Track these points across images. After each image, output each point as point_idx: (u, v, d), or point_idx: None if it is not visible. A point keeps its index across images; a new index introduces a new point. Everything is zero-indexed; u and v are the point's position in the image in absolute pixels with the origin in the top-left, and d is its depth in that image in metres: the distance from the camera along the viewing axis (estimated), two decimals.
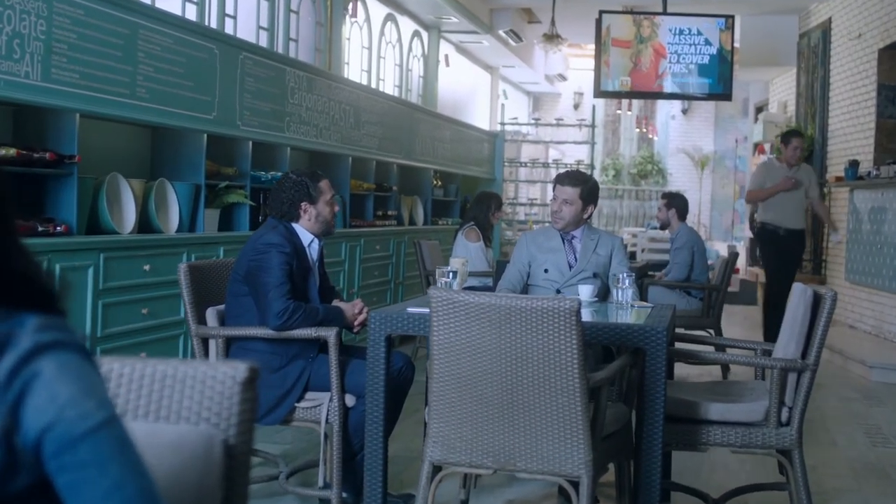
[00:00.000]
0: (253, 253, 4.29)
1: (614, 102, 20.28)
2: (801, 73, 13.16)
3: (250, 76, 6.24)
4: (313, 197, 4.44)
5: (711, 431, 3.98)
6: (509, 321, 3.35)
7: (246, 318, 4.28)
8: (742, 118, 20.09)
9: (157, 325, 5.18)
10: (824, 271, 11.74)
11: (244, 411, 1.73)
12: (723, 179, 21.21)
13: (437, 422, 3.56)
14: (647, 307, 4.54)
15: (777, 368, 3.94)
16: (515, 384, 3.39)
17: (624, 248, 5.26)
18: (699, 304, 8.21)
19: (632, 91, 11.52)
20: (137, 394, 1.77)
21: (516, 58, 16.10)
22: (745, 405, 4.02)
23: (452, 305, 3.42)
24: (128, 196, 5.21)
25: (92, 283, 4.70)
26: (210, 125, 5.81)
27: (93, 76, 4.71)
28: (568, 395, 3.36)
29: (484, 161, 13.00)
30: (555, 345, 3.32)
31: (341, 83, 8.00)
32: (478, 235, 7.94)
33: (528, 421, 3.42)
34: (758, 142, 14.76)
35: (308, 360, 4.27)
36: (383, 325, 3.96)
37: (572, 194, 5.05)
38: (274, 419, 4.22)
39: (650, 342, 3.78)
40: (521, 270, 5.24)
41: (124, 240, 5.00)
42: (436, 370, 3.50)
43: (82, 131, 4.88)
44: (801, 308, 3.98)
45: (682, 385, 4.41)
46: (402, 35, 12.35)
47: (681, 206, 8.51)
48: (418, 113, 10.37)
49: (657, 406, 3.80)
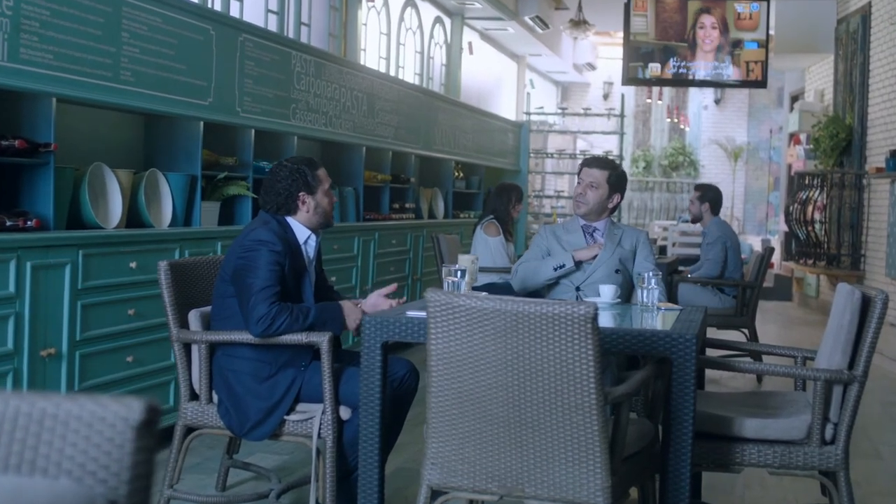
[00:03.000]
0: (241, 250, 3.90)
1: (644, 92, 19.85)
2: (839, 61, 12.69)
3: (251, 60, 5.84)
4: (312, 186, 4.05)
5: (746, 450, 3.57)
6: (516, 329, 2.95)
7: (234, 321, 3.90)
8: (777, 108, 19.73)
9: (145, 327, 4.80)
10: (863, 266, 11.25)
11: (139, 464, 1.33)
12: (756, 171, 20.88)
13: (436, 441, 3.16)
14: (674, 310, 4.11)
15: (821, 380, 3.51)
16: (524, 399, 2.99)
17: (649, 243, 4.84)
18: (732, 302, 7.79)
19: (661, 78, 11.06)
20: (10, 437, 1.37)
21: (543, 46, 15.68)
22: (784, 421, 3.60)
23: (452, 311, 3.02)
24: (114, 188, 4.83)
25: (69, 282, 4.33)
26: (206, 112, 5.41)
27: (69, 57, 4.33)
28: (583, 411, 2.96)
29: (508, 152, 12.59)
30: (568, 355, 2.92)
31: (353, 69, 7.59)
32: (497, 230, 7.61)
33: (537, 441, 3.02)
34: (793, 132, 14.35)
35: (299, 368, 3.87)
36: (379, 330, 3.56)
37: (599, 177, 4.66)
38: (261, 434, 3.83)
39: (678, 351, 3.36)
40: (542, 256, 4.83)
41: (107, 235, 4.62)
42: (434, 384, 3.10)
43: (62, 118, 4.52)
44: (848, 312, 3.54)
45: (713, 397, 3.98)
46: (422, 21, 11.93)
47: (714, 199, 8.07)
48: (438, 101, 9.94)
49: (685, 422, 3.39)
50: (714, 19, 11.99)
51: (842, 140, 11.76)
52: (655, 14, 11.94)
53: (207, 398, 3.92)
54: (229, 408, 3.85)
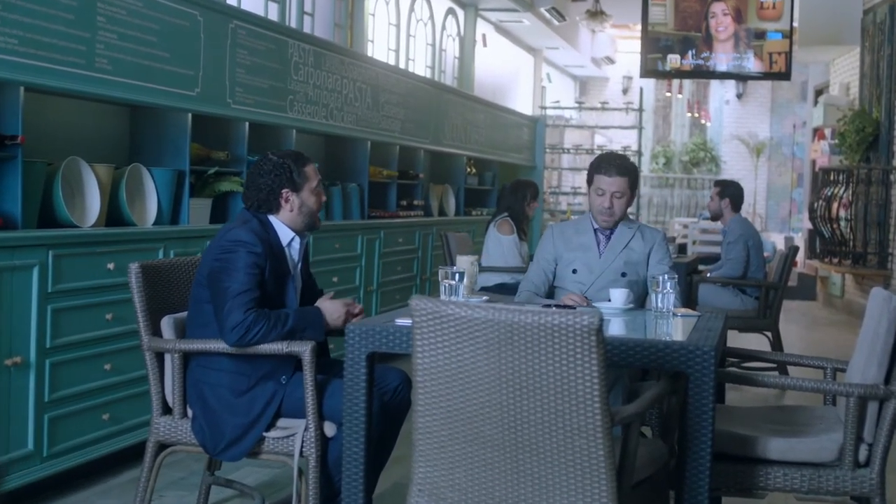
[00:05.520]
0: (217, 251, 3.58)
1: (664, 87, 19.48)
2: (866, 53, 12.35)
3: (243, 48, 5.51)
4: (297, 183, 3.72)
5: (771, 473, 3.24)
6: (511, 341, 2.62)
7: (210, 329, 3.57)
8: (800, 102, 19.43)
9: (125, 333, 4.48)
10: (891, 265, 10.87)
11: None
12: (780, 167, 20.59)
13: (423, 465, 2.84)
14: (692, 317, 3.76)
15: (854, 396, 3.16)
16: (520, 420, 2.67)
17: (666, 244, 4.49)
18: (755, 303, 7.45)
19: (681, 70, 10.70)
20: None
21: (560, 39, 15.34)
22: (812, 441, 3.26)
23: (439, 320, 2.70)
24: (91, 184, 4.52)
25: (37, 284, 4.01)
26: (193, 103, 5.08)
27: (37, 42, 4.01)
28: (587, 434, 2.63)
29: (523, 147, 12.25)
30: (570, 371, 2.60)
31: (356, 59, 7.24)
32: (511, 228, 7.34)
33: (535, 467, 2.70)
34: (818, 127, 14.04)
35: (280, 380, 3.54)
36: (363, 341, 3.23)
37: (623, 185, 4.30)
38: (237, 453, 3.51)
39: (694, 365, 3.03)
40: (546, 270, 4.50)
41: (81, 234, 4.30)
42: (421, 402, 2.78)
43: (33, 109, 4.20)
44: (885, 321, 3.19)
45: (733, 412, 3.64)
46: (434, 12, 11.58)
47: (735, 195, 7.72)
48: (448, 94, 9.58)
49: (703, 443, 3.06)
50: (725, 6, 11.62)
51: (868, 134, 11.40)
52: (675, 4, 11.58)
53: (181, 412, 3.60)
54: (203, 424, 3.53)
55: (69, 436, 4.23)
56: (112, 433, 4.49)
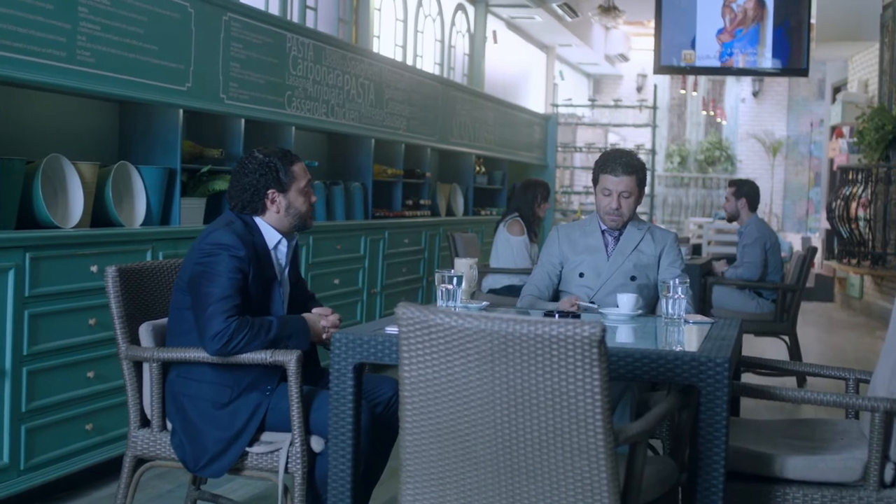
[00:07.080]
0: (198, 255, 3.37)
1: (679, 84, 19.19)
2: (885, 49, 12.09)
3: (238, 42, 5.30)
4: (283, 183, 3.50)
5: (789, 494, 3.02)
6: (506, 353, 2.41)
7: (191, 337, 3.36)
8: (817, 100, 19.16)
9: (109, 339, 4.24)
10: None
11: None
12: (797, 166, 20.31)
13: (411, 486, 2.62)
14: (705, 323, 3.53)
15: (880, 412, 2.92)
16: (515, 439, 2.45)
17: (678, 245, 4.26)
18: (771, 306, 7.20)
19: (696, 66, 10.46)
20: None
21: (573, 36, 15.09)
22: (834, 458, 3.03)
23: (427, 330, 2.48)
24: (75, 183, 4.31)
25: (13, 288, 3.80)
26: (184, 98, 4.87)
27: (12, 34, 3.80)
28: (588, 454, 2.41)
29: (535, 146, 12.01)
30: (570, 386, 2.38)
31: (358, 54, 7.02)
32: (521, 228, 7.16)
33: (532, 489, 2.48)
34: (835, 125, 13.79)
35: (264, 391, 3.33)
36: (350, 351, 3.01)
37: (630, 184, 4.08)
38: (218, 469, 3.29)
39: (707, 378, 2.80)
40: (551, 273, 4.28)
41: (62, 235, 4.09)
42: (408, 418, 2.56)
43: (10, 103, 3.99)
44: None
45: (748, 427, 3.40)
46: (443, 8, 11.35)
47: (751, 194, 7.47)
48: (455, 91, 9.35)
49: (716, 461, 2.84)
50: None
51: (888, 133, 11.11)
52: None
53: (160, 425, 3.39)
54: (183, 438, 3.32)
55: (48, 447, 4.02)
56: (96, 444, 4.28)
